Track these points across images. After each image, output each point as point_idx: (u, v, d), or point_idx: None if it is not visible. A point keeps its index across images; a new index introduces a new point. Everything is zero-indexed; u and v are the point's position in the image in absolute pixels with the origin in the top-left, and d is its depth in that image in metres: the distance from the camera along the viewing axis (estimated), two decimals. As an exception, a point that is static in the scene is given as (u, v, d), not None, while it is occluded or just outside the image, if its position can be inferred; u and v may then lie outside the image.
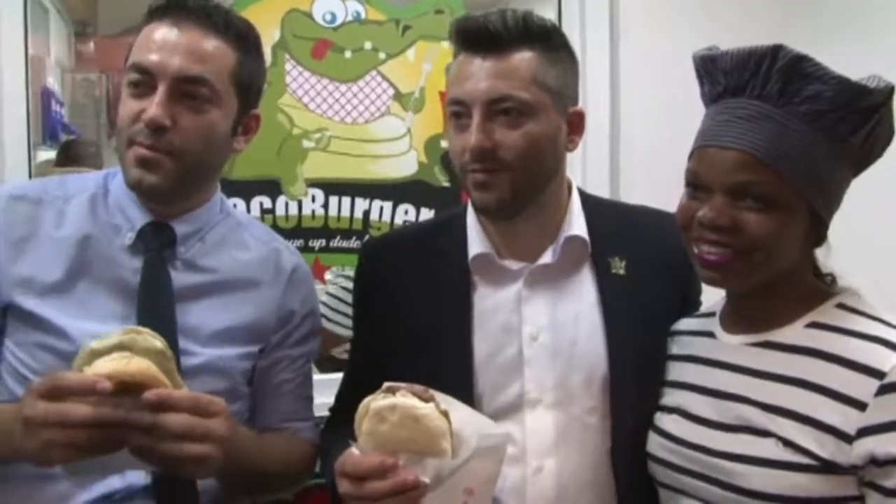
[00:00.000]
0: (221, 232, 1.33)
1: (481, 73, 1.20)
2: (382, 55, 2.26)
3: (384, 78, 2.26)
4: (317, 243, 2.24)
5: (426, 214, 2.27)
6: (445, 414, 1.03)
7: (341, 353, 2.23)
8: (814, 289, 1.15)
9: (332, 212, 2.26)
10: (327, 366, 2.13)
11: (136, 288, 1.23)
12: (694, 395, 1.19)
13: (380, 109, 2.27)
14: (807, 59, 1.04)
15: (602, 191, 2.20)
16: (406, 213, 2.29)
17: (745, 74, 1.08)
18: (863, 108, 1.04)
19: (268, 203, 2.19)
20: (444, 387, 1.12)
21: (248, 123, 1.32)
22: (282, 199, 2.22)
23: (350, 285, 1.52)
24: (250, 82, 1.30)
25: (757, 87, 1.07)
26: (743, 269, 1.08)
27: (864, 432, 1.00)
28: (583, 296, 1.26)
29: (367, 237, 2.22)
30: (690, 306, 1.34)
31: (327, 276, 2.34)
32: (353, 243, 2.23)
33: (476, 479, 1.02)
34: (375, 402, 1.02)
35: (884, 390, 1.00)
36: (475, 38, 1.22)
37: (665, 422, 1.22)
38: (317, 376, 1.44)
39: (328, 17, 2.22)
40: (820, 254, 1.16)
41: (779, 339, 1.11)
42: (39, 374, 1.15)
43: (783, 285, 1.12)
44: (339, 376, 1.45)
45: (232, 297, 1.30)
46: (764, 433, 1.06)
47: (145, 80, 1.21)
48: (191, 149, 1.21)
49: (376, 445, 1.02)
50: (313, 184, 2.24)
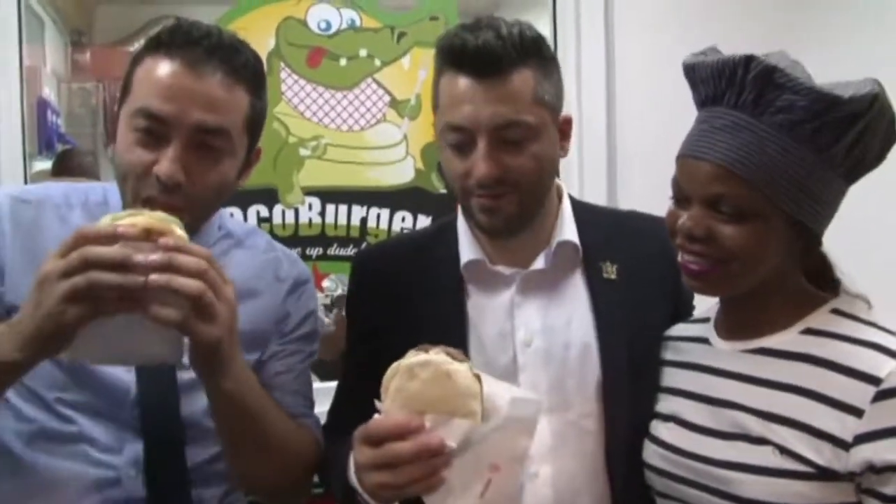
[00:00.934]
0: (220, 248, 1.31)
1: (482, 98, 1.15)
2: (378, 62, 2.26)
3: (380, 85, 2.26)
4: (314, 251, 2.24)
5: (423, 221, 2.27)
6: (478, 377, 0.99)
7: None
8: (808, 295, 1.14)
9: (329, 220, 2.26)
10: (326, 373, 2.12)
11: None
12: (689, 402, 1.18)
13: (375, 117, 2.27)
14: (778, 69, 1.03)
15: (599, 195, 2.21)
16: (403, 221, 2.29)
17: (721, 84, 1.08)
18: (840, 118, 1.02)
19: (265, 212, 2.19)
20: None
21: (252, 160, 1.28)
22: (278, 208, 2.22)
23: None
24: (260, 122, 1.25)
25: (733, 97, 1.07)
26: (721, 279, 1.08)
27: (862, 439, 0.99)
28: (575, 301, 1.25)
29: (364, 244, 2.22)
30: (683, 311, 1.33)
31: (325, 283, 2.34)
32: (351, 251, 2.23)
33: (504, 454, 0.99)
34: (407, 359, 0.99)
35: (880, 396, 0.99)
36: (472, 60, 1.16)
37: (660, 430, 1.21)
38: (316, 384, 1.43)
39: (323, 25, 2.22)
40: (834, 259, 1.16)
41: (773, 345, 1.11)
42: (36, 381, 1.15)
43: (774, 292, 1.11)
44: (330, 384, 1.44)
45: None
46: (760, 441, 1.06)
47: (157, 129, 1.11)
48: (204, 201, 1.17)
49: (404, 404, 0.97)
50: (310, 192, 2.24)
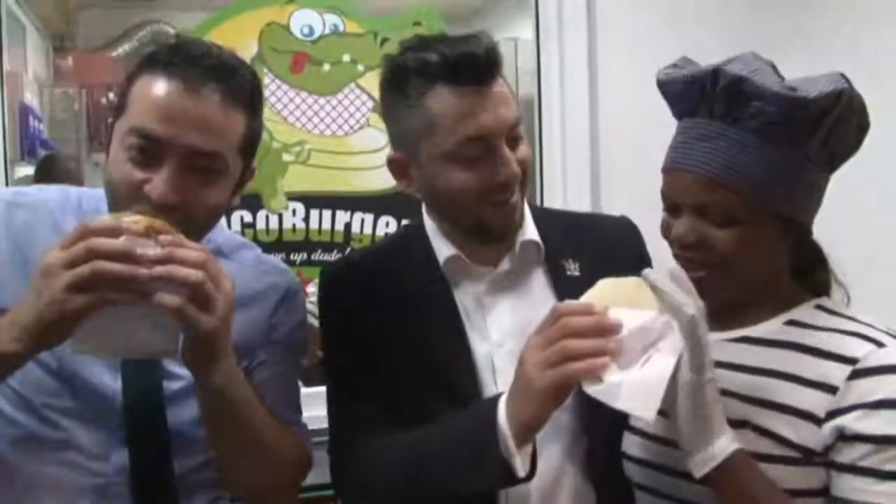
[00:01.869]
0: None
1: (494, 103, 1.18)
2: (361, 68, 2.26)
3: (363, 90, 2.27)
4: (298, 257, 2.24)
5: (408, 226, 2.28)
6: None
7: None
8: (794, 291, 1.17)
9: (314, 225, 2.26)
10: (313, 378, 2.11)
11: None
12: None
13: (359, 122, 2.27)
14: (743, 78, 1.05)
15: (582, 201, 2.22)
16: (387, 226, 2.29)
17: (694, 97, 1.11)
18: (809, 117, 1.05)
19: (248, 217, 2.19)
20: (453, 384, 1.21)
21: (245, 179, 1.25)
22: (262, 213, 2.22)
23: None
24: (255, 142, 1.21)
25: (706, 108, 1.10)
26: (721, 284, 1.10)
27: (834, 414, 1.02)
28: (542, 299, 1.26)
29: (348, 250, 2.22)
30: None
31: (309, 288, 2.34)
32: (335, 256, 2.24)
33: (667, 345, 1.01)
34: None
35: (856, 375, 1.02)
36: (474, 68, 1.17)
37: (640, 420, 1.22)
38: (304, 389, 1.42)
39: (306, 31, 2.22)
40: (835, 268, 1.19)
41: (757, 334, 1.14)
42: (25, 386, 1.15)
43: (763, 288, 1.14)
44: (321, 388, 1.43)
45: None
46: (739, 423, 1.07)
47: (150, 149, 1.09)
48: (196, 222, 1.14)
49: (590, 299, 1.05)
50: (294, 197, 2.24)
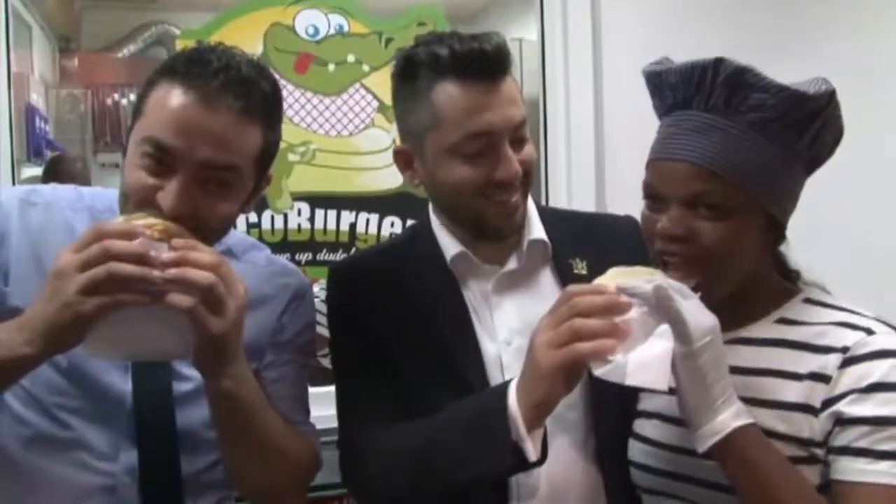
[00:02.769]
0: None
1: (500, 101, 1.19)
2: (366, 68, 2.27)
3: (368, 90, 2.27)
4: (303, 257, 2.24)
5: (413, 226, 2.28)
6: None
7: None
8: (780, 287, 1.17)
9: (319, 225, 2.26)
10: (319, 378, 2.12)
11: None
12: (666, 395, 1.20)
13: (364, 122, 2.28)
14: (748, 70, 1.05)
15: (587, 200, 2.23)
16: (392, 226, 2.29)
17: (691, 88, 1.10)
18: (804, 115, 1.06)
19: (253, 217, 2.19)
20: (462, 380, 1.21)
21: (260, 187, 1.24)
22: (267, 213, 2.22)
23: None
24: (272, 153, 1.20)
25: (703, 100, 1.09)
26: (706, 283, 1.09)
27: (829, 403, 1.03)
28: (549, 298, 1.25)
29: (353, 250, 2.23)
30: None
31: (315, 288, 2.34)
32: (340, 256, 2.24)
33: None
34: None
35: (847, 363, 1.04)
36: (483, 64, 1.18)
37: (645, 427, 1.23)
38: (311, 389, 1.42)
39: (311, 31, 2.22)
40: (785, 251, 1.19)
41: (750, 334, 1.14)
42: (36, 385, 1.15)
43: (750, 286, 1.14)
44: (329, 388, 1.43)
45: None
46: None
47: (163, 159, 1.09)
48: (206, 232, 1.13)
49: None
50: (299, 197, 2.24)
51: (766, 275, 1.16)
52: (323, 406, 1.39)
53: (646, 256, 1.17)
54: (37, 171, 3.48)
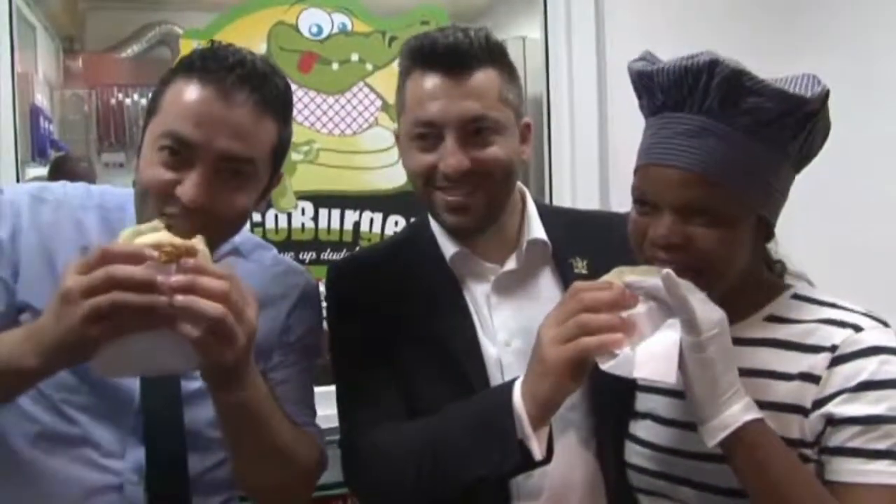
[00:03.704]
0: (225, 262, 1.31)
1: (452, 94, 1.19)
2: (369, 66, 2.27)
3: (371, 89, 2.27)
4: (307, 256, 2.24)
5: (417, 225, 2.28)
6: None
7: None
8: (769, 283, 1.17)
9: (322, 224, 2.27)
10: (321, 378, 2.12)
11: None
12: (663, 397, 1.20)
13: (368, 121, 2.28)
14: (744, 72, 1.02)
15: (591, 198, 2.22)
16: (396, 225, 2.30)
17: (683, 90, 1.06)
18: (800, 117, 1.05)
19: (257, 216, 2.20)
20: (463, 380, 1.21)
21: (273, 184, 1.27)
22: (271, 213, 2.22)
23: None
24: (285, 149, 1.23)
25: (696, 102, 1.06)
26: (703, 284, 1.06)
27: (819, 403, 1.03)
28: (550, 297, 1.26)
29: (357, 249, 2.23)
30: None
31: (319, 287, 2.34)
32: (344, 255, 2.24)
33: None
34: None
35: (836, 362, 1.04)
36: (442, 57, 1.20)
37: (638, 429, 1.23)
38: (320, 388, 1.42)
39: (314, 30, 2.23)
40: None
41: (739, 334, 1.12)
42: (44, 382, 1.13)
43: (739, 284, 1.12)
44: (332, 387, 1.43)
45: None
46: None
47: (182, 152, 1.11)
48: (224, 226, 1.17)
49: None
50: (303, 196, 2.25)
51: (755, 271, 1.15)
52: (326, 405, 1.40)
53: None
54: (41, 171, 3.48)
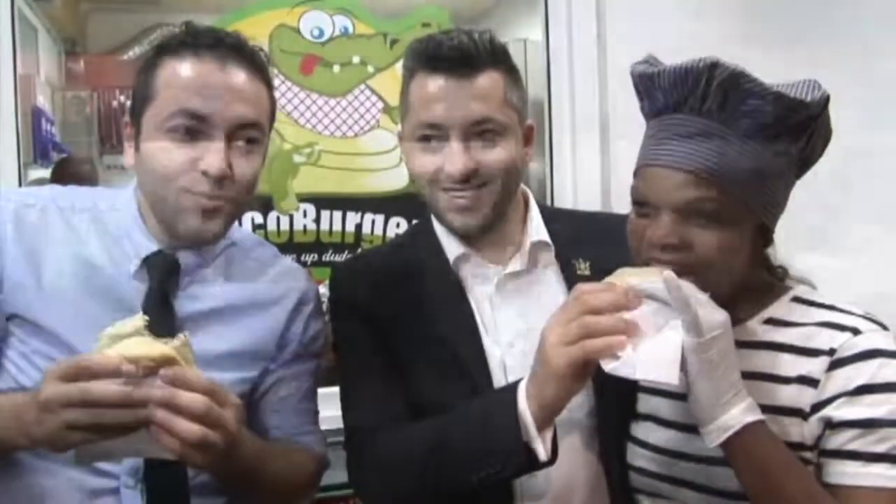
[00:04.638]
0: (226, 260, 1.31)
1: (457, 96, 1.21)
2: (371, 69, 2.27)
3: (373, 91, 2.27)
4: (309, 258, 2.24)
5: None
6: None
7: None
8: (769, 286, 1.17)
9: (324, 226, 2.27)
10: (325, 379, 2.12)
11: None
12: (664, 399, 1.20)
13: (369, 123, 2.28)
14: (744, 75, 1.03)
15: (593, 199, 2.22)
16: (398, 227, 2.29)
17: (684, 92, 1.06)
18: (800, 121, 1.04)
19: (259, 218, 2.20)
20: (467, 381, 1.22)
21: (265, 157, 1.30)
22: (273, 215, 2.22)
23: None
24: (275, 117, 1.28)
25: (696, 104, 1.06)
26: (702, 286, 1.06)
27: (818, 407, 1.04)
28: (553, 299, 1.26)
29: (359, 250, 2.22)
30: None
31: (321, 289, 2.34)
32: (346, 257, 2.24)
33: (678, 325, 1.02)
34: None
35: (834, 365, 1.04)
36: (447, 60, 1.21)
37: (639, 430, 1.23)
38: (323, 389, 1.43)
39: (316, 32, 2.23)
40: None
41: (739, 337, 1.11)
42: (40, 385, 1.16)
43: (740, 288, 1.12)
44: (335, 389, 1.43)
45: (233, 323, 1.28)
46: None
47: (198, 127, 1.15)
48: (246, 194, 1.20)
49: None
50: (304, 198, 2.25)
51: (756, 275, 1.15)
52: (331, 407, 1.40)
53: None
54: (43, 173, 3.48)
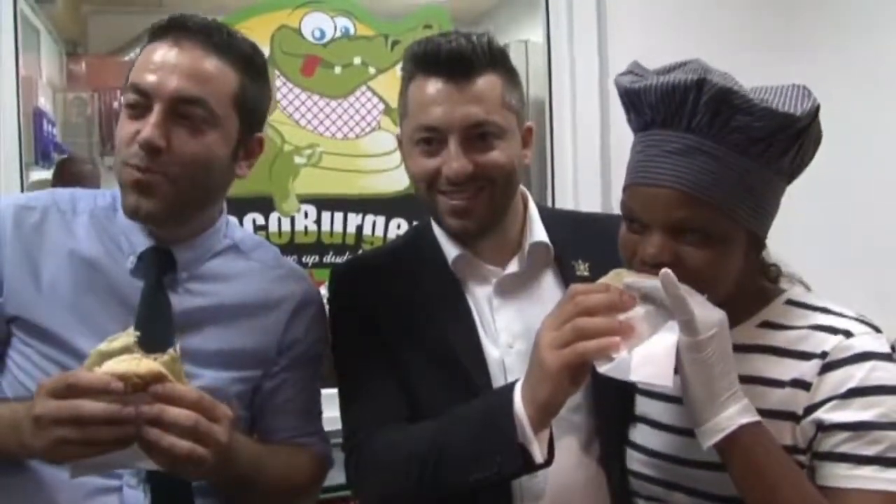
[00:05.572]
0: (225, 259, 1.32)
1: (455, 99, 1.21)
2: (372, 70, 2.27)
3: (374, 93, 2.28)
4: (310, 259, 2.25)
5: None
6: None
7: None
8: (763, 289, 1.16)
9: (325, 227, 2.27)
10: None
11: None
12: (660, 402, 1.20)
13: (370, 124, 2.28)
14: (732, 91, 1.01)
15: (594, 201, 2.22)
16: (399, 228, 2.30)
17: (672, 107, 1.04)
18: (791, 134, 1.03)
19: (260, 220, 2.20)
20: (466, 382, 1.22)
21: (251, 147, 1.30)
22: (274, 216, 2.23)
23: None
24: (253, 106, 1.27)
25: (684, 120, 1.04)
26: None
27: (811, 410, 1.04)
28: (552, 300, 1.25)
29: (360, 251, 2.23)
30: None
31: (322, 290, 2.34)
32: (347, 258, 2.24)
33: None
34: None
35: (826, 368, 1.04)
36: (445, 63, 1.21)
37: (635, 434, 1.23)
38: (324, 391, 1.43)
39: (317, 34, 2.23)
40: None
41: (734, 340, 1.09)
42: (41, 380, 1.15)
43: (734, 292, 1.11)
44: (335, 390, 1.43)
45: (232, 323, 1.28)
46: None
47: (142, 102, 1.18)
48: (186, 171, 1.18)
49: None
50: (305, 200, 2.25)
51: (750, 280, 1.14)
52: (332, 408, 1.40)
53: None
54: (44, 174, 3.47)
